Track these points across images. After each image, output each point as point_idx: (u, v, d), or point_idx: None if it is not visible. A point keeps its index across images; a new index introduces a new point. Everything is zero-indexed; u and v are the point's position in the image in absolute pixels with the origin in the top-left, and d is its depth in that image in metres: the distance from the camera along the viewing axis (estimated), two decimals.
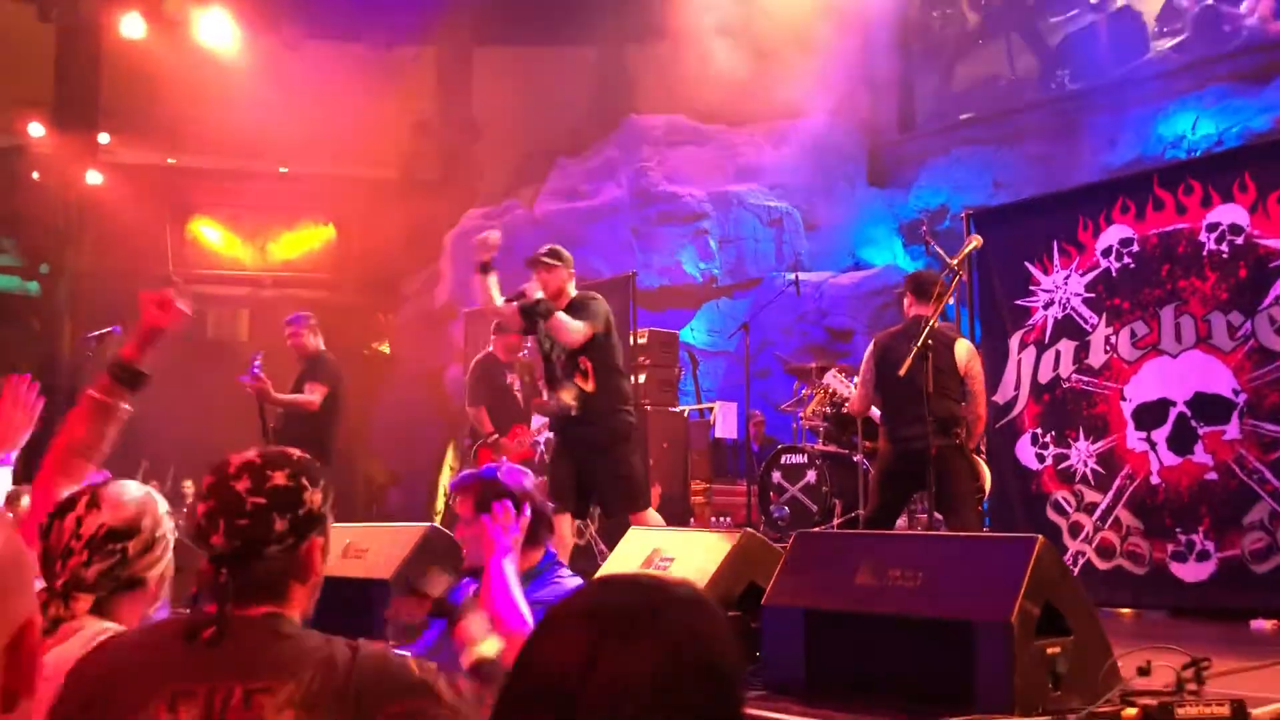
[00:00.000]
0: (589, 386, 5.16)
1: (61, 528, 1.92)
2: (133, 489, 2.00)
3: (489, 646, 2.08)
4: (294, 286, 14.85)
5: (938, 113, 12.23)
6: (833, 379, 6.85)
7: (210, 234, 15.46)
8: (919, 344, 4.45)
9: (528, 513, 2.60)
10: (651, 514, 5.26)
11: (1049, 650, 2.65)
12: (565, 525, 5.17)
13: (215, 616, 1.56)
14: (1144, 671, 2.65)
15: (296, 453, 1.71)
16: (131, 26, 12.81)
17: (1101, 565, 5.61)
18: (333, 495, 1.74)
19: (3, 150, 13.69)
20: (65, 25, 13.18)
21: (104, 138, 13.64)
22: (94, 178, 13.30)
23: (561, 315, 5.11)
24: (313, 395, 7.04)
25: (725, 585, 3.18)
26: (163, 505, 2.04)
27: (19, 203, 13.87)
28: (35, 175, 13.61)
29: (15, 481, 2.88)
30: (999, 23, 11.88)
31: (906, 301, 5.45)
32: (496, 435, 7.54)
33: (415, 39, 13.69)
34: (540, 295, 5.22)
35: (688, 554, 3.36)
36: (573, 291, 5.36)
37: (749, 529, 3.56)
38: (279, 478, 1.64)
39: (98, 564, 1.89)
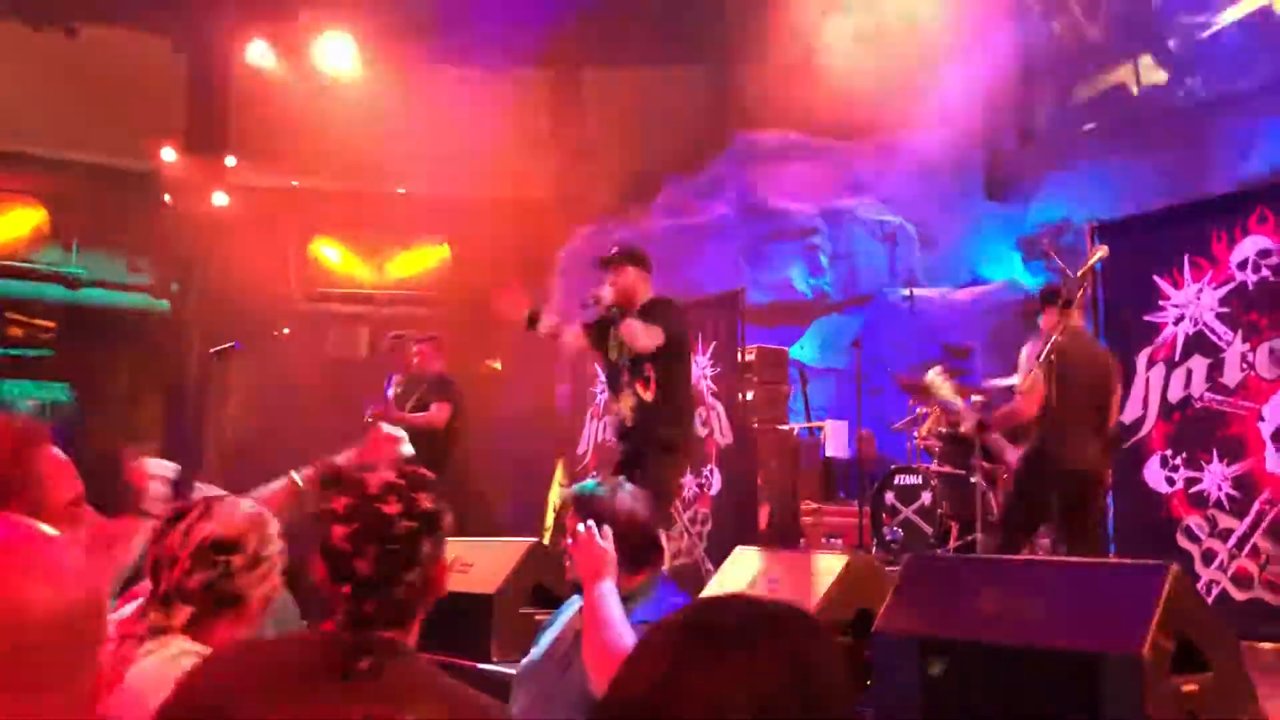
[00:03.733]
0: (648, 396, 4.88)
1: (171, 536, 1.94)
2: (245, 505, 2.01)
3: None
4: (410, 304, 15.17)
5: (1058, 124, 11.84)
6: (936, 378, 6.14)
7: (330, 253, 15.88)
8: (1044, 355, 4.31)
9: (607, 533, 2.56)
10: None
11: (1185, 688, 2.47)
12: None
13: (366, 644, 1.48)
14: None
15: (427, 472, 1.67)
16: (258, 55, 13.28)
17: (1238, 595, 5.29)
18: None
19: (138, 174, 14.30)
20: (196, 55, 13.74)
21: (231, 161, 14.13)
22: (221, 200, 13.79)
23: (634, 320, 4.86)
24: (438, 413, 7.19)
25: (834, 610, 3.07)
26: (274, 526, 2.04)
27: (152, 225, 14.48)
28: (167, 198, 14.18)
29: None
30: (1123, 29, 11.47)
31: (1046, 315, 5.18)
32: None
33: (528, 61, 13.86)
34: (604, 299, 4.98)
35: (795, 576, 3.26)
36: (650, 294, 5.07)
37: (859, 550, 3.44)
38: (426, 500, 1.59)
39: (200, 574, 1.89)
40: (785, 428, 8.61)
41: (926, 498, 7.06)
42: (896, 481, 7.30)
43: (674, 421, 4.91)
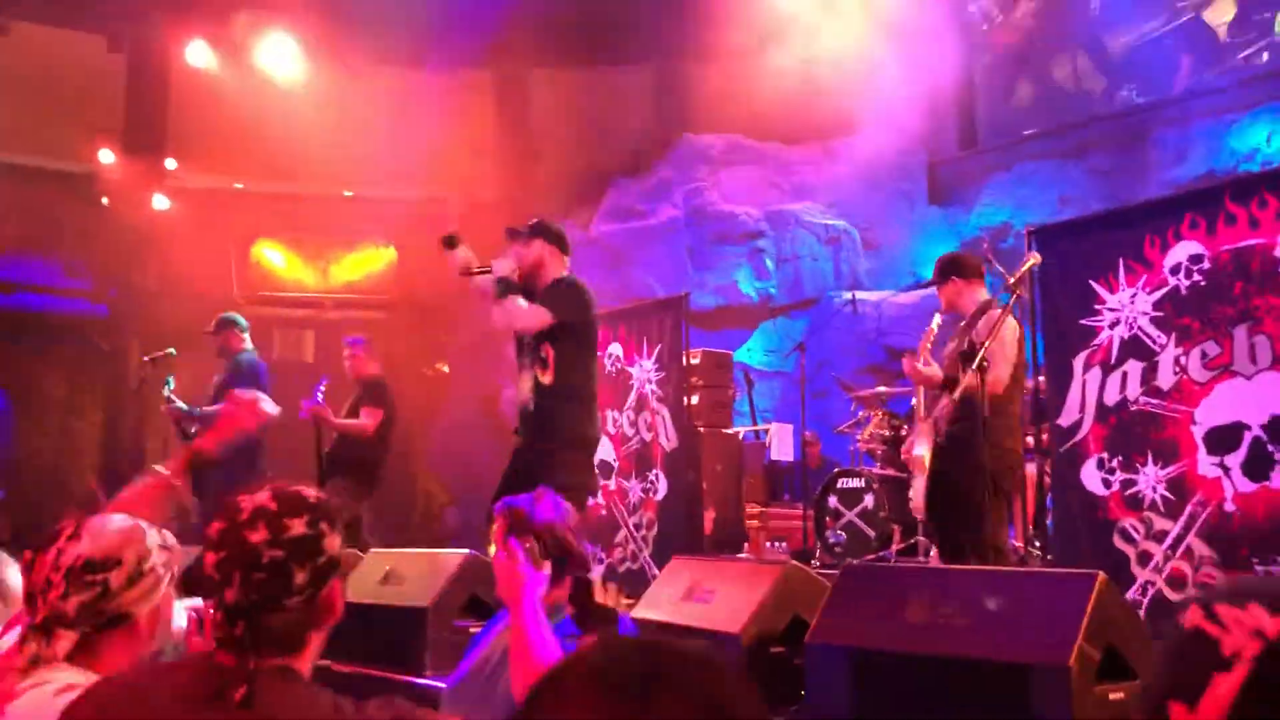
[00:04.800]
0: (546, 379, 4.55)
1: (43, 561, 1.85)
2: (118, 520, 1.92)
3: None
4: (356, 308, 15.02)
5: (1000, 128, 11.99)
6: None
7: (273, 256, 15.68)
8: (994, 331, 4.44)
9: (532, 551, 2.53)
10: None
11: (1112, 696, 2.48)
12: None
13: (239, 673, 1.46)
14: None
15: (312, 493, 1.62)
16: (198, 55, 13.05)
17: (1173, 596, 5.35)
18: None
19: (75, 176, 14.00)
20: (134, 54, 13.48)
21: (171, 163, 13.89)
22: (161, 202, 13.55)
23: (515, 298, 4.51)
24: (368, 420, 7.11)
25: (768, 619, 3.06)
26: (153, 538, 1.93)
27: (89, 227, 14.19)
28: (105, 200, 13.91)
29: None
30: (1063, 36, 11.64)
31: (956, 288, 5.28)
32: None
33: (473, 63, 13.77)
34: (496, 270, 4.60)
35: (730, 586, 3.25)
36: (561, 273, 4.74)
37: (794, 561, 3.43)
38: (297, 526, 1.55)
39: (76, 596, 1.80)
40: (730, 431, 8.62)
41: (869, 501, 7.10)
42: (839, 485, 7.34)
43: (574, 412, 4.56)
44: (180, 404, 7.20)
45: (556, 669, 0.98)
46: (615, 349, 7.82)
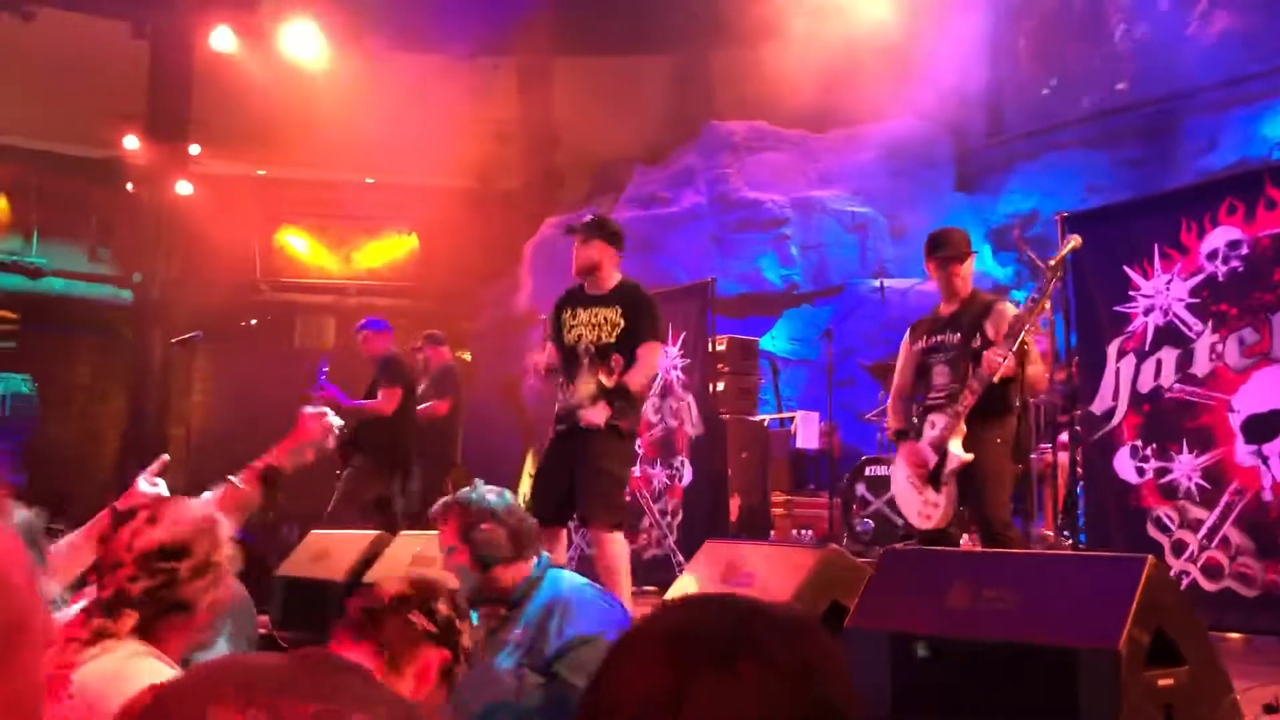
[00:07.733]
0: (610, 382, 4.81)
1: (117, 540, 1.87)
2: (196, 509, 1.94)
3: None
4: (377, 295, 15.06)
5: (1028, 116, 11.87)
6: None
7: (296, 243, 15.74)
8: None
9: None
10: (619, 538, 4.77)
11: (1161, 682, 2.43)
12: (560, 541, 4.94)
13: (328, 655, 1.76)
14: (1271, 709, 2.42)
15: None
16: (222, 40, 13.03)
17: (1209, 586, 5.29)
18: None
19: (99, 162, 14.07)
20: (158, 40, 13.49)
21: (195, 149, 13.92)
22: (185, 188, 13.58)
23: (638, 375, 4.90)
24: (385, 401, 7.05)
25: (806, 604, 3.01)
26: (225, 530, 1.97)
27: (114, 213, 14.26)
28: (129, 186, 13.96)
29: None
30: (1093, 23, 11.50)
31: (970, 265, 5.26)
32: None
33: (496, 50, 13.73)
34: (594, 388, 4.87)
35: (767, 569, 3.21)
36: (617, 276, 5.03)
37: (833, 545, 3.39)
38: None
39: (144, 581, 1.82)
40: (756, 419, 8.57)
41: None
42: (867, 473, 7.28)
43: (627, 413, 4.91)
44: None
45: (634, 631, 0.93)
46: None
